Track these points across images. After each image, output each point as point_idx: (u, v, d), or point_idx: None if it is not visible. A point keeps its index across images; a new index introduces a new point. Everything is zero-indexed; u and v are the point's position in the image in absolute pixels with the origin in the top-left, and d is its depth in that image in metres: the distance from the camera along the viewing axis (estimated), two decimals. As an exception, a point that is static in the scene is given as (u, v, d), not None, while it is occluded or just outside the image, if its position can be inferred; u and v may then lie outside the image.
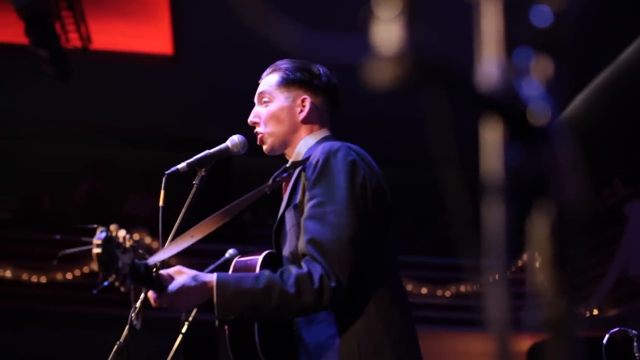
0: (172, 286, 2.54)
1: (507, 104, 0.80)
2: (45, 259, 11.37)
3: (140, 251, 2.45)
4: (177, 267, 2.60)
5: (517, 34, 0.84)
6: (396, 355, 2.60)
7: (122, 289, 2.37)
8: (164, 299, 2.55)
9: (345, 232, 2.58)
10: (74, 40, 10.07)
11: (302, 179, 2.77)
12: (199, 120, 12.31)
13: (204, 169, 2.90)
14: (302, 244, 2.62)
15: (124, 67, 11.39)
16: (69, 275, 11.33)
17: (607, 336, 4.42)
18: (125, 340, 2.77)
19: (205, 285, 2.55)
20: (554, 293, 0.79)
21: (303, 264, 2.57)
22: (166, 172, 2.84)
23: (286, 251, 2.78)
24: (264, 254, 2.81)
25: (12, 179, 13.78)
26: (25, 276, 11.25)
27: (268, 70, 3.04)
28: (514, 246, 0.84)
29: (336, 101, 3.04)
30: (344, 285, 2.53)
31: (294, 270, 2.55)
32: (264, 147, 2.97)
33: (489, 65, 0.82)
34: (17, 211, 12.88)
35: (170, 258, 2.61)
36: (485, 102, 0.78)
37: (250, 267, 2.76)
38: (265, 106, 2.97)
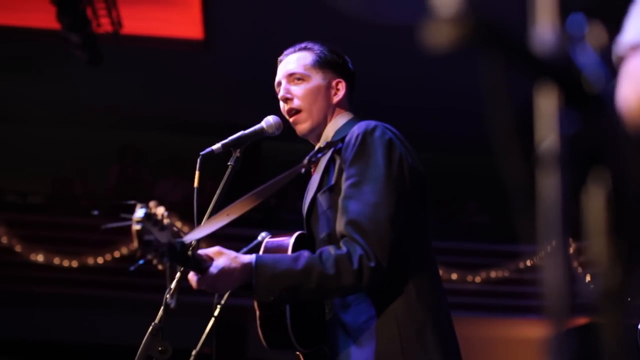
0: (213, 268, 2.53)
1: (562, 71, 0.79)
2: (77, 244, 11.44)
3: (175, 229, 2.43)
4: (217, 248, 2.59)
5: (571, 1, 0.82)
6: (438, 338, 2.58)
7: (160, 267, 2.37)
8: (205, 282, 2.55)
9: (384, 210, 2.56)
10: (105, 25, 10.09)
11: (337, 160, 2.74)
12: (229, 104, 12.31)
13: (238, 150, 2.89)
14: (340, 225, 2.61)
15: (155, 51, 11.39)
16: (100, 260, 11.38)
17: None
18: (160, 321, 2.77)
19: (245, 266, 2.55)
20: (610, 264, 0.78)
21: (342, 245, 2.55)
22: (201, 153, 2.83)
23: (322, 233, 2.75)
24: (295, 235, 2.79)
25: (44, 164, 13.85)
26: (56, 260, 11.32)
27: (295, 49, 3.01)
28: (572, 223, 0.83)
29: (354, 89, 3.02)
30: (383, 265, 2.51)
31: (333, 250, 2.54)
32: (299, 126, 2.94)
33: (544, 31, 0.80)
34: (49, 196, 12.95)
35: (204, 237, 2.60)
36: (540, 67, 0.77)
37: (282, 248, 2.75)
38: (299, 84, 2.94)
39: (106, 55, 10.06)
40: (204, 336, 5.18)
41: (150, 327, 2.68)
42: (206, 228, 2.59)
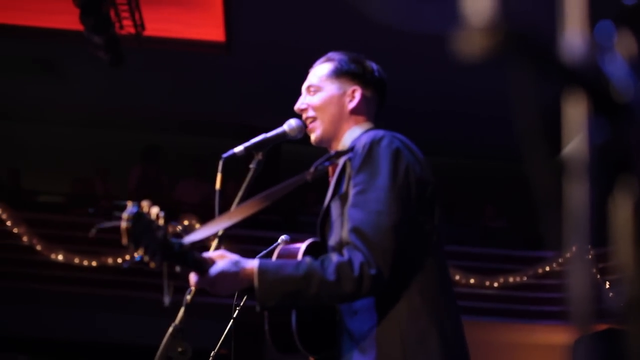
0: (213, 270, 2.56)
1: (591, 79, 0.79)
2: (97, 244, 11.48)
3: (178, 229, 2.44)
4: (220, 251, 2.63)
5: (601, 9, 0.83)
6: (442, 346, 2.59)
7: (152, 265, 2.37)
8: (204, 282, 2.58)
9: (387, 219, 2.58)
10: (127, 27, 10.14)
11: (348, 169, 2.76)
12: (250, 107, 12.34)
13: (260, 153, 2.90)
14: (345, 232, 2.64)
15: (177, 53, 11.44)
16: (119, 260, 11.42)
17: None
18: (180, 322, 2.78)
19: (245, 271, 2.57)
20: (637, 271, 0.78)
21: (344, 252, 2.57)
22: (223, 156, 2.84)
23: (332, 241, 2.78)
24: (307, 242, 2.82)
25: (65, 164, 13.93)
26: (76, 260, 11.36)
27: (321, 60, 3.04)
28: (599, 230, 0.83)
29: (384, 98, 3.03)
30: (384, 273, 2.53)
31: (335, 257, 2.56)
32: (313, 135, 2.97)
33: (573, 40, 0.81)
34: (70, 196, 13.01)
35: (207, 239, 2.62)
36: (569, 76, 0.78)
37: (292, 255, 2.77)
38: (314, 95, 2.96)
39: (128, 57, 10.10)
40: (222, 337, 5.20)
41: (170, 328, 2.69)
42: (207, 229, 2.60)
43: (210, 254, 2.61)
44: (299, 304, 2.63)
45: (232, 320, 5.20)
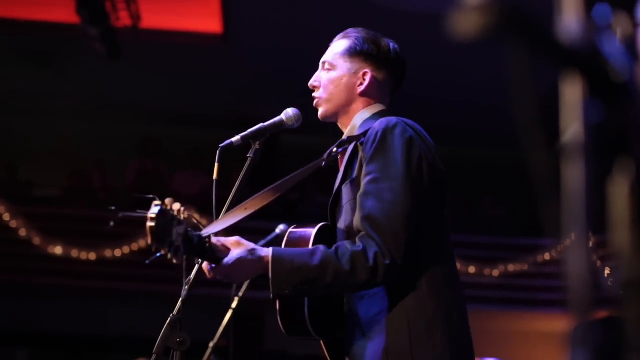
0: (228, 259, 2.57)
1: (587, 60, 0.79)
2: (95, 237, 11.48)
3: (195, 221, 2.46)
4: (236, 238, 2.63)
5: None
6: (448, 332, 2.61)
7: (175, 261, 2.39)
8: (219, 271, 2.60)
9: (401, 209, 2.58)
10: (124, 18, 10.10)
11: (360, 154, 2.76)
12: (248, 97, 12.32)
13: (258, 142, 2.90)
14: (357, 220, 2.63)
15: (173, 45, 11.42)
16: (117, 253, 11.43)
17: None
18: (178, 313, 2.78)
19: (261, 259, 2.59)
20: (635, 253, 0.78)
21: (358, 241, 2.58)
22: (220, 146, 2.84)
23: (341, 224, 2.79)
24: (318, 226, 2.81)
25: (62, 157, 13.92)
26: (74, 253, 11.36)
27: (339, 36, 3.03)
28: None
29: (399, 80, 3.01)
30: (398, 262, 2.54)
31: (349, 246, 2.57)
32: (319, 111, 2.96)
33: (570, 20, 0.80)
34: (67, 189, 13.00)
35: (223, 230, 2.62)
36: (566, 57, 0.77)
37: (304, 239, 2.77)
38: (327, 72, 2.96)
39: (125, 49, 10.08)
40: (221, 328, 5.21)
41: (169, 319, 2.70)
42: (224, 221, 2.63)
43: (226, 240, 2.62)
44: (313, 293, 2.64)
45: (230, 311, 5.21)
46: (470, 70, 10.92)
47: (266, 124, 2.93)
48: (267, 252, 2.60)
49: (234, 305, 5.18)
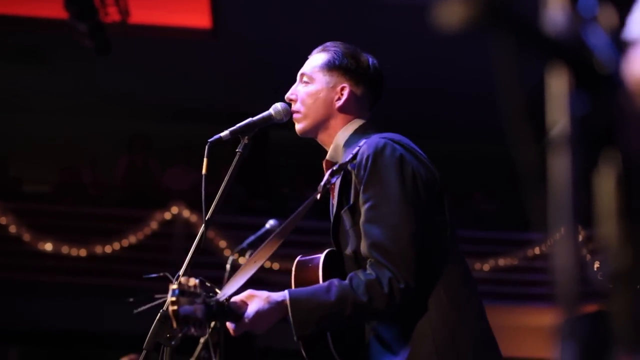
0: (248, 314, 2.59)
1: (573, 52, 0.79)
2: (85, 233, 11.46)
3: (208, 284, 2.51)
4: (248, 292, 2.65)
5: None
6: (471, 339, 2.64)
7: (199, 334, 2.43)
8: (242, 327, 2.62)
9: (405, 231, 2.60)
10: (112, 14, 10.07)
11: (353, 179, 2.76)
12: (238, 93, 12.32)
13: (246, 137, 2.90)
14: (364, 248, 2.65)
15: (162, 41, 11.40)
16: (108, 249, 11.42)
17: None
18: (167, 309, 2.78)
19: (279, 305, 2.61)
20: (622, 245, 0.78)
21: (369, 269, 2.60)
22: (209, 140, 2.85)
23: (349, 251, 2.80)
24: (325, 252, 2.83)
25: (52, 153, 13.89)
26: (65, 249, 11.35)
27: (318, 49, 3.02)
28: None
29: (378, 95, 3.00)
30: (412, 284, 2.56)
31: (362, 276, 2.59)
32: (297, 126, 2.96)
33: (555, 12, 0.80)
34: (57, 185, 12.98)
35: (238, 289, 2.65)
36: (551, 49, 0.77)
37: (313, 268, 2.79)
38: (305, 86, 2.94)
39: (114, 45, 10.06)
40: (212, 324, 5.20)
41: (159, 314, 2.70)
42: (237, 281, 2.68)
43: (240, 297, 2.63)
44: (334, 327, 2.67)
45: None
46: (460, 62, 10.91)
47: (255, 118, 2.93)
48: (284, 295, 2.62)
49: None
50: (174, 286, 2.37)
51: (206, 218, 2.80)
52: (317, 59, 2.96)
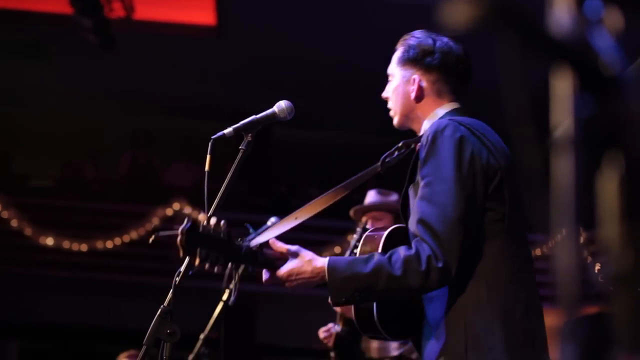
0: (283, 268, 2.70)
1: (578, 54, 0.79)
2: (87, 228, 11.47)
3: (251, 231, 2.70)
4: (296, 248, 2.74)
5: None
6: (507, 335, 2.59)
7: (215, 270, 2.56)
8: (274, 279, 2.73)
9: (453, 211, 2.59)
10: (117, 10, 10.07)
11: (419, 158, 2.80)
12: (241, 90, 12.32)
13: (250, 134, 2.91)
14: (412, 225, 2.67)
15: (167, 37, 11.40)
16: (109, 244, 11.43)
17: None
18: (169, 304, 2.79)
19: (317, 269, 2.68)
20: (624, 246, 0.78)
21: (413, 245, 2.61)
22: (212, 137, 2.86)
23: (410, 226, 2.79)
24: (391, 227, 2.88)
25: (55, 148, 13.89)
26: (66, 244, 11.36)
27: (398, 43, 3.04)
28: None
29: (458, 76, 2.98)
30: (451, 265, 2.55)
31: (402, 251, 2.60)
32: (393, 121, 3.02)
33: (561, 14, 0.80)
34: (60, 180, 12.99)
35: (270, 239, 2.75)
36: (557, 50, 0.77)
37: (374, 240, 2.85)
38: (389, 84, 3.01)
39: (118, 40, 10.07)
40: (212, 320, 5.21)
41: (159, 310, 2.71)
42: (273, 231, 2.78)
43: (288, 247, 2.74)
44: (369, 299, 2.70)
45: (221, 303, 5.21)
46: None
47: (258, 116, 2.95)
48: (324, 262, 2.68)
49: (224, 297, 5.18)
50: (188, 219, 2.54)
51: (208, 215, 2.81)
52: (395, 55, 3.01)
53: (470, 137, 2.70)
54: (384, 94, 3.02)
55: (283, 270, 2.69)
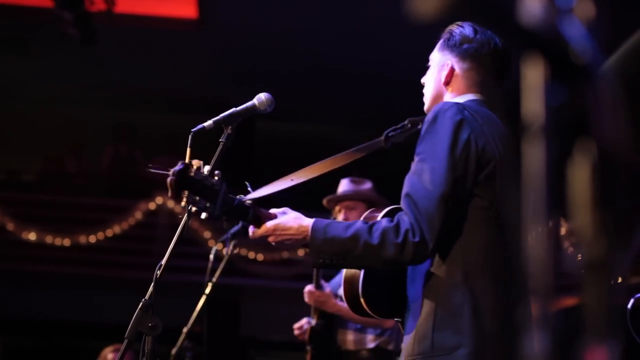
0: (270, 222, 2.72)
1: (549, 42, 0.79)
2: (69, 222, 11.44)
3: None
4: (284, 209, 2.78)
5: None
6: (477, 322, 2.59)
7: (207, 217, 2.63)
8: (260, 232, 2.75)
9: (439, 189, 2.58)
10: (98, 3, 10.02)
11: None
12: (223, 83, 12.30)
13: (230, 127, 2.92)
14: (401, 198, 2.67)
15: (148, 30, 11.36)
16: (92, 239, 11.41)
17: (631, 301, 4.39)
18: (150, 297, 2.79)
19: (301, 227, 2.71)
20: (595, 235, 0.78)
21: (395, 217, 2.62)
22: (192, 130, 2.86)
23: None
24: (389, 207, 2.89)
25: (36, 143, 13.83)
26: (49, 239, 11.32)
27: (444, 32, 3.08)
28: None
29: (495, 69, 2.95)
30: (428, 242, 2.55)
31: (384, 222, 2.62)
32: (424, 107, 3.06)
33: (532, 3, 0.80)
34: (42, 174, 12.94)
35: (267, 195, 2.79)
36: (528, 39, 0.77)
37: (374, 217, 2.85)
38: (429, 70, 3.04)
39: (100, 34, 10.02)
40: (195, 314, 5.21)
41: (141, 304, 2.71)
42: (267, 188, 2.81)
43: (275, 210, 2.76)
44: (346, 265, 2.75)
45: (204, 296, 5.21)
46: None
47: (238, 108, 2.95)
48: (309, 221, 2.71)
49: (207, 291, 5.18)
50: (181, 162, 2.63)
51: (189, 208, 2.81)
52: (438, 43, 3.05)
53: (472, 122, 2.69)
54: (422, 79, 3.07)
55: (270, 223, 2.71)
